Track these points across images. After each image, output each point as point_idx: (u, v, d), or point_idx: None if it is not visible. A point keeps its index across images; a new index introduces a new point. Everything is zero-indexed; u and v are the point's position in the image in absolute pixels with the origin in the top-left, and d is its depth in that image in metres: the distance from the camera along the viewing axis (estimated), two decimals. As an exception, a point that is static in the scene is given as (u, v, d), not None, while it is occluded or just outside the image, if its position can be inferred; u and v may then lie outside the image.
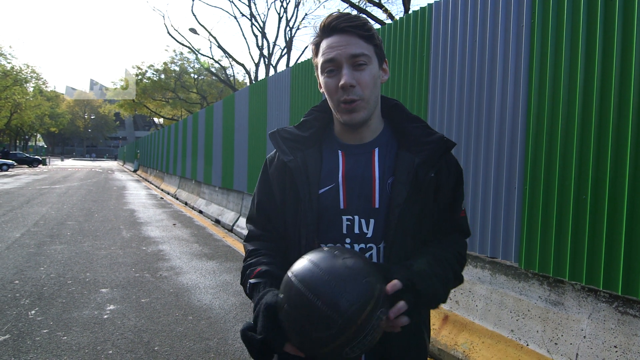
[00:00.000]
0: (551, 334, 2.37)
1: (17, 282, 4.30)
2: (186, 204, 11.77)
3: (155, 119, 48.39)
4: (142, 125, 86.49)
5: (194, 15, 40.66)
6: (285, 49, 27.36)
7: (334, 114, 1.02)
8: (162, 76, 33.25)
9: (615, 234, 2.16)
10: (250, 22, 26.33)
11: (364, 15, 1.00)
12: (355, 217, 0.99)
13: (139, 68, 33.07)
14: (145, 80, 32.98)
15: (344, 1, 14.68)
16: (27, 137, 58.93)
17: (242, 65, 27.73)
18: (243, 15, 30.64)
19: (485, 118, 2.94)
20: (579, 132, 2.34)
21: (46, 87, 48.86)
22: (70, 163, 49.77)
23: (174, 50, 40.12)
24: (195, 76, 33.90)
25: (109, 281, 4.46)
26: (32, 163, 35.22)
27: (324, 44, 0.97)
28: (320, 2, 19.59)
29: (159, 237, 7.00)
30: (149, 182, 20.91)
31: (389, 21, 14.02)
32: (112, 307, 3.73)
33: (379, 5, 15.20)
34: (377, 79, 0.99)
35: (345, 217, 0.99)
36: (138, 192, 15.19)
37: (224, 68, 30.25)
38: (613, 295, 2.17)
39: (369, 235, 0.98)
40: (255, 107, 7.60)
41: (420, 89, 3.51)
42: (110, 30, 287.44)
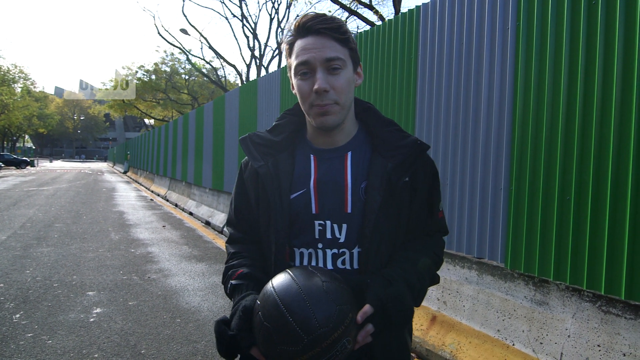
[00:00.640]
0: (536, 333, 2.39)
1: (1, 285, 4.23)
2: (176, 205, 11.69)
3: (146, 120, 48.03)
4: (132, 126, 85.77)
5: (185, 16, 40.44)
6: (277, 50, 27.34)
7: (307, 117, 1.01)
8: (153, 77, 33.01)
9: (598, 234, 2.19)
10: (241, 23, 26.27)
11: (339, 17, 0.98)
12: (327, 222, 0.98)
13: (129, 69, 32.84)
14: (135, 81, 32.72)
15: (334, 2, 14.71)
16: (15, 138, 58.16)
17: (234, 66, 27.67)
18: (234, 16, 30.65)
19: (472, 119, 2.96)
20: (563, 133, 2.37)
21: (34, 87, 48.31)
22: (59, 164, 49.17)
23: (165, 51, 39.87)
24: (186, 77, 33.71)
25: (96, 284, 4.41)
26: (19, 164, 34.73)
27: (297, 45, 0.95)
28: (311, 3, 19.62)
29: (148, 239, 6.94)
30: (139, 183, 20.73)
31: (379, 23, 14.06)
32: (98, 310, 3.69)
33: (370, 7, 15.25)
34: (352, 83, 0.97)
35: (317, 222, 0.99)
36: (128, 194, 15.05)
37: (215, 69, 30.14)
38: (596, 294, 2.19)
39: (342, 241, 0.98)
40: (246, 108, 7.58)
41: (408, 91, 3.53)
42: (100, 31, 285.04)
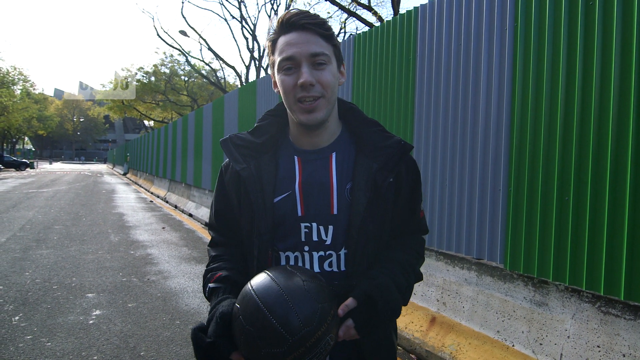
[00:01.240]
0: (536, 334, 2.39)
1: (1, 287, 4.23)
2: (176, 207, 11.68)
3: (145, 122, 48.03)
4: (132, 128, 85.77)
5: (184, 18, 40.59)
6: (276, 52, 27.28)
7: (290, 115, 0.99)
8: (152, 78, 33.02)
9: (598, 234, 2.19)
10: (240, 24, 26.27)
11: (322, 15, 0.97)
12: (314, 224, 0.97)
13: (129, 70, 32.89)
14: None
15: (333, 4, 14.73)
16: (14, 140, 58.14)
17: (233, 67, 27.67)
18: (233, 17, 30.75)
19: (471, 120, 2.96)
20: (561, 134, 2.37)
21: (34, 89, 48.29)
22: (58, 166, 49.15)
23: (164, 53, 39.85)
24: (186, 78, 33.73)
25: (95, 286, 4.40)
26: (19, 166, 34.70)
27: (281, 41, 0.93)
28: (310, 5, 19.63)
29: (147, 240, 6.93)
30: (138, 185, 20.72)
31: (378, 24, 14.09)
32: (98, 312, 3.68)
33: (369, 8, 15.27)
34: (337, 79, 0.96)
35: (303, 225, 0.97)
36: (127, 196, 15.04)
37: (214, 70, 30.15)
38: (596, 295, 2.19)
39: (328, 243, 0.97)
40: (245, 110, 7.58)
41: (407, 91, 3.53)
42: (100, 32, 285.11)
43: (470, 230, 2.96)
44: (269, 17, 26.36)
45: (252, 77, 27.85)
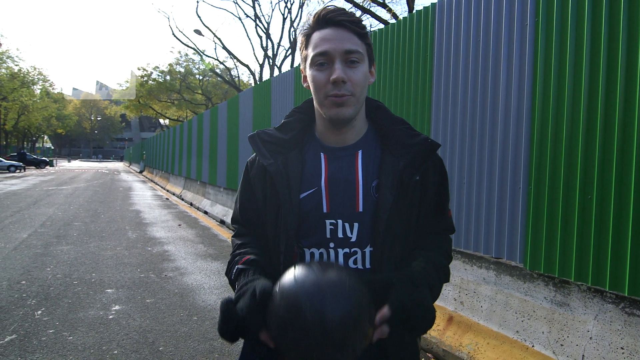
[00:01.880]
0: (557, 335, 2.35)
1: (23, 282, 4.34)
2: (191, 204, 11.81)
3: (161, 120, 48.65)
4: (147, 126, 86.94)
5: (199, 17, 40.88)
6: (290, 50, 27.40)
7: (318, 110, 0.99)
8: (168, 77, 33.42)
9: (622, 234, 2.14)
10: (254, 23, 26.36)
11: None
12: (339, 221, 0.97)
13: (145, 70, 33.28)
14: (150, 81, 33.17)
15: (347, 1, 14.67)
16: (34, 138, 59.49)
17: (247, 66, 27.82)
18: (247, 16, 30.85)
19: (490, 117, 2.92)
20: (584, 131, 2.32)
21: (53, 89, 49.36)
22: (77, 164, 50.14)
23: (179, 52, 40.31)
24: (200, 77, 34.04)
25: (114, 282, 4.48)
26: (39, 164, 35.52)
27: (316, 36, 0.93)
28: (324, 2, 19.59)
29: (164, 237, 7.03)
30: (154, 183, 21.01)
31: (393, 21, 14.00)
32: (117, 307, 3.75)
33: (383, 5, 15.17)
34: (367, 79, 0.96)
35: (328, 221, 0.97)
36: (144, 193, 15.27)
37: (228, 69, 30.34)
38: (619, 296, 2.14)
39: (353, 240, 0.97)
40: (260, 108, 7.62)
41: (424, 89, 3.50)
42: (116, 32, 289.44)
43: (489, 229, 2.93)
44: (283, 15, 26.44)
45: (266, 75, 28.01)
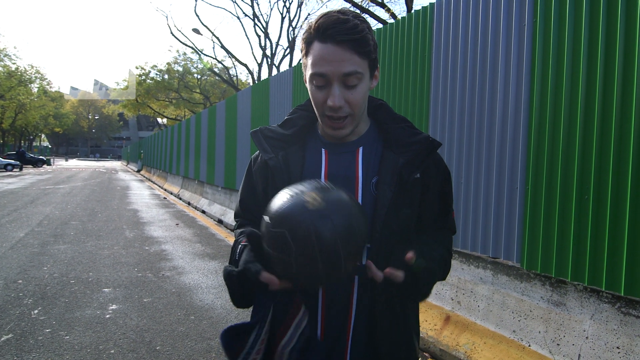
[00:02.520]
0: (553, 334, 2.36)
1: (20, 281, 4.32)
2: (189, 204, 11.79)
3: (159, 119, 48.57)
4: (145, 125, 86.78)
5: (197, 16, 40.77)
6: (288, 49, 27.40)
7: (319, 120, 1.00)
8: (166, 76, 33.36)
9: (618, 234, 2.15)
10: (253, 22, 26.33)
11: (362, 18, 0.93)
12: None
13: (143, 68, 33.20)
14: (148, 80, 33.10)
15: (346, 1, 14.67)
16: (31, 137, 59.34)
17: (245, 65, 27.84)
18: (246, 15, 30.71)
19: (487, 117, 2.93)
20: (581, 131, 2.32)
21: (50, 87, 49.24)
22: (74, 163, 49.99)
23: (177, 51, 40.32)
24: (199, 76, 33.99)
25: (111, 281, 4.47)
26: (36, 163, 35.41)
27: (316, 49, 0.91)
28: (322, 2, 19.59)
29: (161, 237, 7.01)
30: (152, 182, 20.97)
31: (391, 21, 14.00)
32: (114, 306, 3.74)
33: (382, 4, 15.18)
34: (367, 93, 0.96)
35: None
36: (141, 192, 15.23)
37: (227, 68, 30.31)
38: (615, 295, 2.15)
39: None
40: (258, 107, 7.61)
41: (422, 88, 3.50)
42: (114, 31, 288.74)
43: (486, 228, 2.93)
44: (281, 14, 26.41)
45: (264, 74, 27.96)
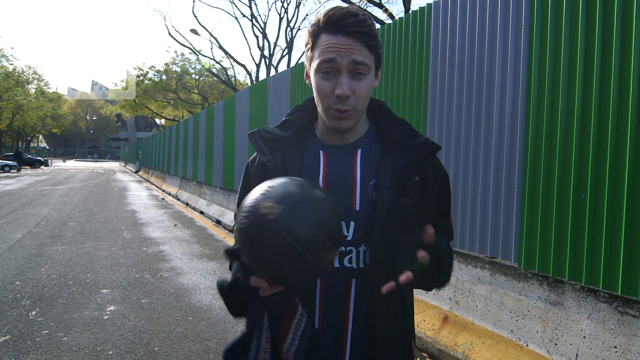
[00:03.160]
0: (551, 334, 2.36)
1: (18, 283, 4.31)
2: (187, 204, 11.78)
3: (157, 120, 48.48)
4: (143, 126, 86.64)
5: (195, 16, 40.82)
6: (286, 50, 27.41)
7: (321, 115, 0.99)
8: (164, 77, 33.32)
9: (615, 234, 2.15)
10: (251, 22, 26.34)
11: (369, 15, 0.93)
12: None
13: (140, 69, 33.17)
14: (146, 81, 33.06)
15: (344, 1, 14.68)
16: (29, 138, 59.15)
17: (243, 66, 27.78)
18: (244, 16, 30.73)
19: (485, 117, 2.93)
20: (578, 131, 2.33)
21: (48, 88, 49.14)
22: (72, 164, 49.87)
23: (175, 51, 40.24)
24: (197, 77, 33.96)
25: (109, 282, 4.46)
26: (34, 164, 35.30)
27: (324, 39, 0.90)
28: (320, 2, 19.60)
29: (159, 237, 7.00)
30: (150, 182, 20.94)
31: (389, 21, 14.01)
32: (112, 307, 3.74)
33: (380, 5, 15.20)
34: (371, 88, 0.95)
35: None
36: (139, 193, 15.21)
37: (225, 69, 30.30)
38: (613, 295, 2.16)
39: (349, 238, 0.96)
40: (256, 108, 7.61)
41: (419, 89, 3.51)
42: (112, 32, 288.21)
43: (484, 228, 2.94)
44: (279, 15, 26.40)
45: (262, 75, 27.94)
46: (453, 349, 2.77)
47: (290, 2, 25.74)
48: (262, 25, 27.56)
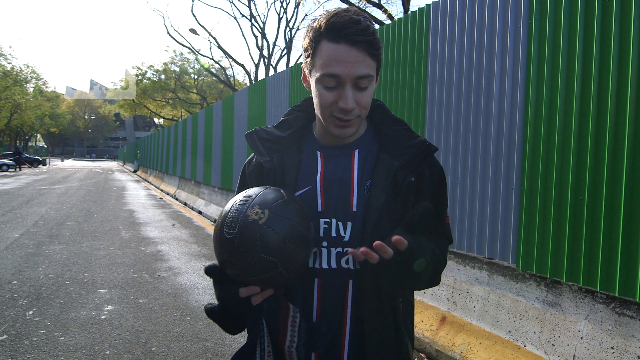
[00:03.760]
0: (548, 335, 2.36)
1: (15, 282, 4.30)
2: (185, 204, 11.76)
3: (155, 120, 48.47)
4: (142, 125, 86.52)
5: (194, 16, 40.80)
6: (285, 50, 27.40)
7: (321, 121, 0.98)
8: (162, 77, 33.27)
9: (613, 235, 2.16)
10: (250, 22, 26.40)
11: (368, 18, 0.91)
12: (333, 220, 0.96)
13: (139, 68, 33.11)
14: (145, 80, 33.01)
15: (343, 2, 14.68)
16: (27, 137, 58.99)
17: (242, 65, 27.77)
18: (243, 15, 30.77)
19: (483, 118, 2.94)
20: (576, 133, 2.34)
21: (46, 87, 48.94)
22: (70, 163, 49.78)
23: (174, 51, 40.20)
24: (195, 77, 33.93)
25: (107, 282, 4.45)
26: (32, 163, 35.21)
27: (328, 49, 0.87)
28: (319, 2, 19.61)
29: (157, 237, 6.99)
30: (148, 182, 20.90)
31: (388, 22, 14.02)
32: (110, 307, 3.73)
33: (379, 5, 15.21)
34: (373, 94, 0.95)
35: (322, 220, 0.96)
36: (138, 193, 15.18)
37: (224, 69, 30.28)
38: (610, 296, 2.16)
39: (347, 239, 0.96)
40: (255, 108, 7.61)
41: (418, 89, 3.51)
42: (111, 31, 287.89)
43: (482, 229, 2.94)
44: (278, 15, 26.41)
45: (261, 75, 27.94)
46: (451, 349, 2.77)
47: (289, 2, 25.81)
48: (261, 25, 27.59)
